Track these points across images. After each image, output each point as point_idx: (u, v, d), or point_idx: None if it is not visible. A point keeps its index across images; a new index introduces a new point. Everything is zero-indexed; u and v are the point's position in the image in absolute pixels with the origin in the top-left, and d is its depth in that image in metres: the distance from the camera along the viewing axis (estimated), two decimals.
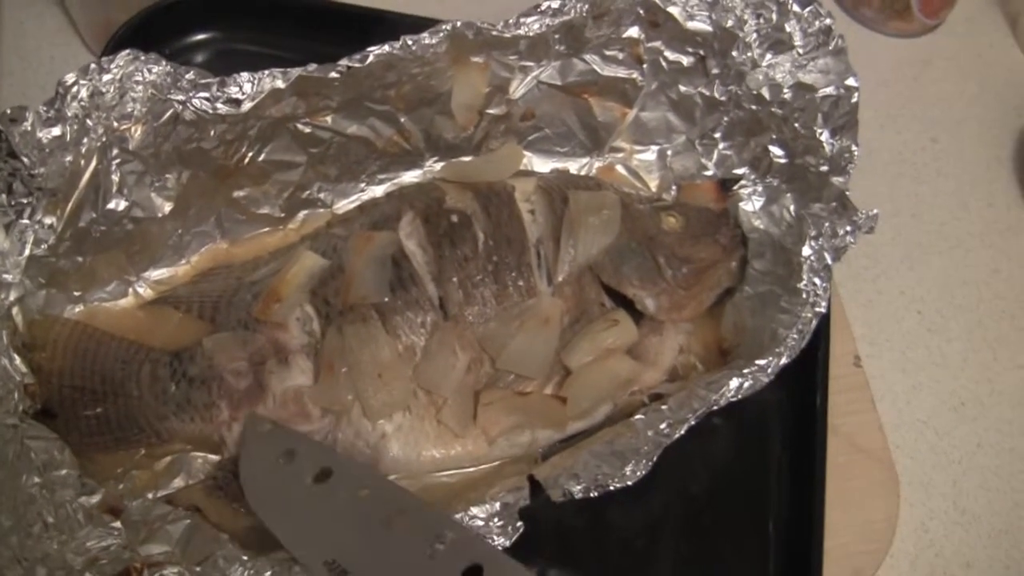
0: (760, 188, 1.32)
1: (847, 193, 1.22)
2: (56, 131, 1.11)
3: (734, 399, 1.14)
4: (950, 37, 1.73)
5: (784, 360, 1.16)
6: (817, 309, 1.18)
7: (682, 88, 1.34)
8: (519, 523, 1.05)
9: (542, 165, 1.40)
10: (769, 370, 1.15)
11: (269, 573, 1.01)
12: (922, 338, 1.47)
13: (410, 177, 1.36)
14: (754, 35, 1.26)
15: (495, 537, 1.04)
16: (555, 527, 1.20)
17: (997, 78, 1.70)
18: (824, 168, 1.24)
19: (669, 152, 1.39)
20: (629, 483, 1.08)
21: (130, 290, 1.26)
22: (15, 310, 1.14)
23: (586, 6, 1.25)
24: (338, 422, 1.16)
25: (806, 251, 1.20)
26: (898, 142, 1.62)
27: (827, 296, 1.19)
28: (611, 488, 1.08)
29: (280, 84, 1.17)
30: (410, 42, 1.20)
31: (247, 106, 1.17)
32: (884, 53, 1.70)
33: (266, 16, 1.45)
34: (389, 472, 1.19)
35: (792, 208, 1.27)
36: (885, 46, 1.71)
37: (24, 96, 1.11)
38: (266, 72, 1.17)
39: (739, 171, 1.34)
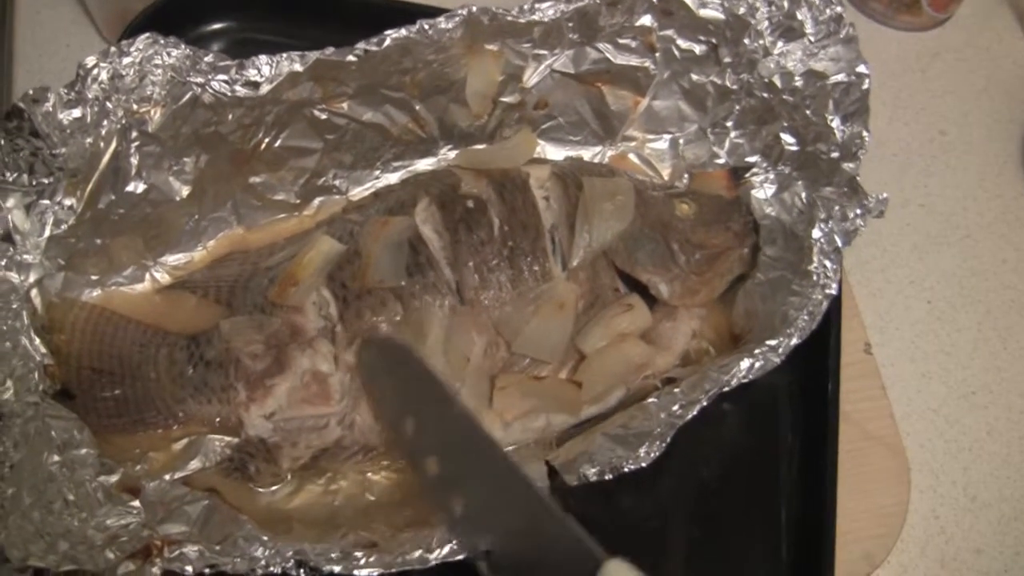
0: (772, 176, 1.32)
1: (857, 178, 1.23)
2: (77, 113, 1.11)
3: (745, 379, 1.15)
4: (958, 31, 1.74)
5: (795, 341, 1.17)
6: (828, 291, 1.19)
7: (694, 77, 1.35)
8: None
9: (555, 154, 1.41)
10: (780, 350, 1.16)
11: (290, 553, 1.02)
12: (931, 327, 1.47)
13: (424, 165, 1.37)
14: (766, 23, 1.27)
15: None
16: (568, 511, 1.20)
17: (1005, 71, 1.71)
18: (835, 154, 1.25)
19: (681, 141, 1.40)
20: (644, 465, 1.09)
21: (147, 275, 1.27)
22: (34, 292, 1.15)
23: None
24: (356, 405, 1.17)
25: (816, 233, 1.21)
26: (907, 134, 1.63)
27: (837, 278, 1.20)
28: (625, 470, 1.09)
29: (298, 67, 1.18)
30: (426, 26, 1.21)
31: (265, 89, 1.18)
32: (893, 46, 1.71)
33: (282, 6, 1.46)
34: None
35: (803, 195, 1.28)
36: (894, 39, 1.71)
37: (40, 83, 1.12)
38: (284, 55, 1.18)
39: (751, 159, 1.35)
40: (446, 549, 1.03)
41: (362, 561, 1.02)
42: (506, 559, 1.01)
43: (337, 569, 1.02)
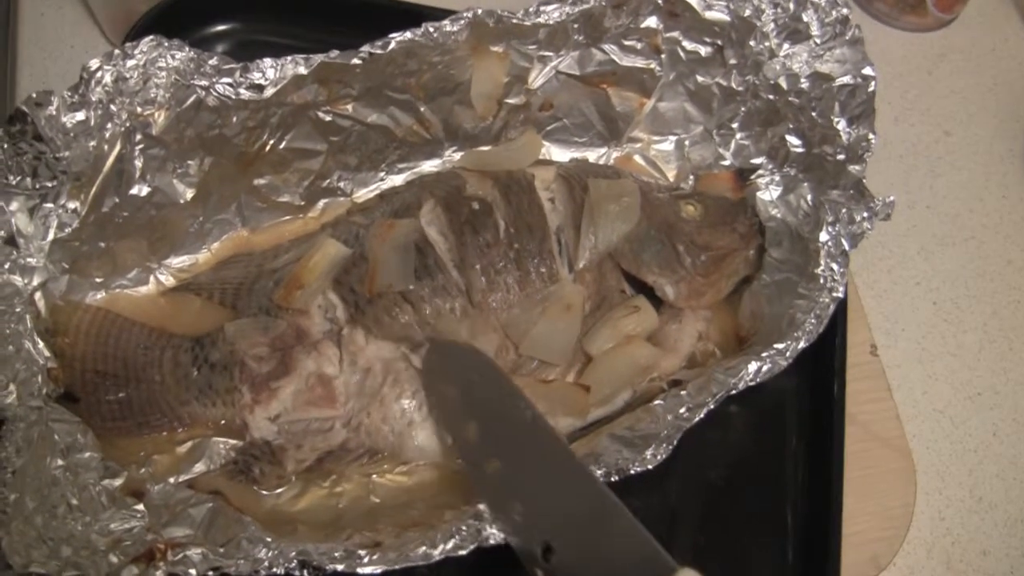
0: (777, 177, 1.32)
1: (863, 181, 1.22)
2: (80, 116, 1.11)
3: (752, 383, 1.14)
4: (964, 31, 1.74)
5: (802, 344, 1.16)
6: (835, 294, 1.18)
7: (699, 78, 1.35)
8: None
9: (560, 155, 1.40)
10: (787, 353, 1.16)
11: (293, 553, 1.01)
12: (938, 328, 1.47)
13: (429, 166, 1.37)
14: (772, 25, 1.27)
15: None
16: None
17: (1010, 72, 1.71)
18: (841, 157, 1.24)
19: (687, 142, 1.40)
20: (650, 467, 1.09)
21: (151, 277, 1.27)
22: (38, 295, 1.14)
23: None
24: (363, 408, 1.17)
25: (823, 236, 1.21)
26: (912, 135, 1.63)
27: (844, 281, 1.19)
28: (631, 472, 1.08)
29: (302, 70, 1.18)
30: (431, 29, 1.21)
31: (269, 92, 1.18)
32: (898, 47, 1.71)
33: (287, 7, 1.46)
34: (413, 459, 1.20)
35: (809, 197, 1.27)
36: (899, 40, 1.71)
37: (44, 86, 1.11)
38: (289, 58, 1.18)
39: (756, 161, 1.35)
40: (450, 544, 1.03)
41: (365, 559, 1.02)
42: (566, 566, 1.00)
43: (340, 568, 1.02)
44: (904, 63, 1.69)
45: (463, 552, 1.03)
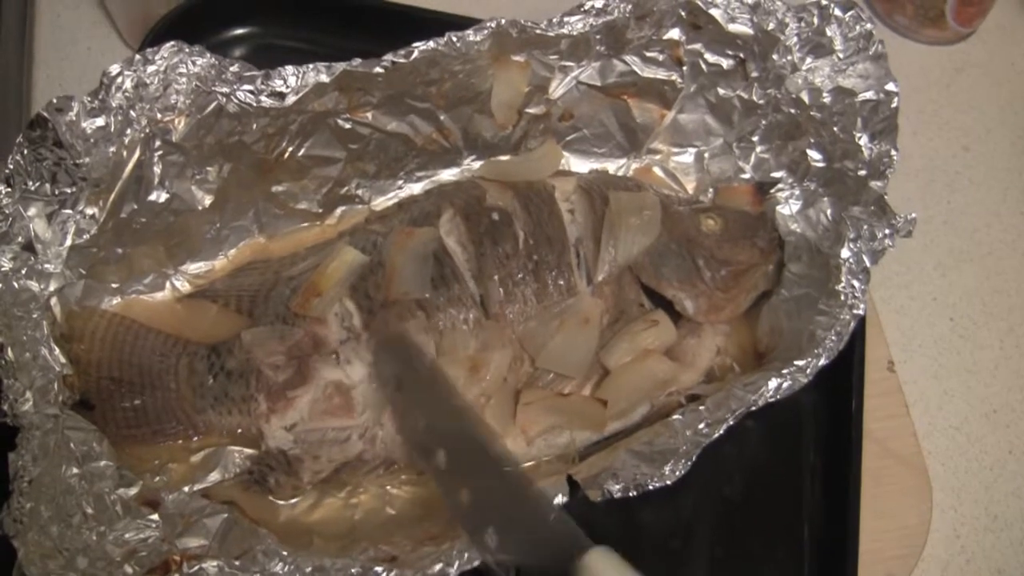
0: (797, 192, 1.31)
1: (885, 197, 1.22)
2: (100, 121, 1.10)
3: (772, 399, 1.14)
4: (983, 45, 1.73)
5: (823, 361, 1.16)
6: (856, 311, 1.18)
7: (721, 91, 1.34)
8: None
9: (580, 166, 1.40)
10: (808, 371, 1.15)
11: (309, 569, 1.01)
12: (954, 344, 1.46)
13: (448, 175, 1.36)
14: (795, 39, 1.26)
15: None
16: (587, 527, 1.19)
17: None
18: (863, 172, 1.24)
19: (706, 155, 1.39)
20: (668, 483, 1.08)
21: (167, 283, 1.26)
22: (53, 301, 1.14)
23: (629, 6, 1.25)
24: (378, 418, 1.16)
25: (844, 253, 1.20)
26: (930, 149, 1.62)
27: (865, 299, 1.19)
28: (650, 488, 1.08)
29: (324, 78, 1.17)
30: (454, 39, 1.20)
31: (291, 99, 1.17)
32: (917, 60, 1.70)
33: (305, 12, 1.45)
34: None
35: (829, 212, 1.27)
36: (918, 53, 1.70)
37: (60, 88, 1.11)
38: (310, 66, 1.17)
39: (776, 175, 1.34)
40: (465, 556, 1.02)
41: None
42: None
43: None
44: (922, 76, 1.68)
45: (478, 563, 1.03)
